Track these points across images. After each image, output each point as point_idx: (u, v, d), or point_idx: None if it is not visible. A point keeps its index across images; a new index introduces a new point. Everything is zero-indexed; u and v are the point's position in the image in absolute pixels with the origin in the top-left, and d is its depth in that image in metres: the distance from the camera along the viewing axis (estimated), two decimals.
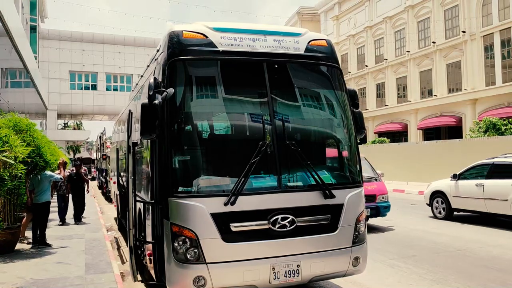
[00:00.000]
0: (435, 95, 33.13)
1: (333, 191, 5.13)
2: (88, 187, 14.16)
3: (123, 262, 8.55)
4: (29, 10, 36.18)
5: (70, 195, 13.27)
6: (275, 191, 4.94)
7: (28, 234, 10.12)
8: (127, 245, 7.68)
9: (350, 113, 5.68)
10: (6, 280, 6.74)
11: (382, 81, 39.60)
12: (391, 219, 12.64)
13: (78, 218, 13.04)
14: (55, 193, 13.23)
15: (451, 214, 12.73)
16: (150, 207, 5.36)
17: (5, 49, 18.87)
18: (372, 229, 11.15)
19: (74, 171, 13.45)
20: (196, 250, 4.64)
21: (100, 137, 28.79)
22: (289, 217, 4.89)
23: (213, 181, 4.99)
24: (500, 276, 7.02)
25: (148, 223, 5.58)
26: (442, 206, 12.94)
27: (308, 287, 6.36)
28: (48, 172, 10.07)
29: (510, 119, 24.41)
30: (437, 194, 13.18)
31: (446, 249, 8.98)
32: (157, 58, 5.65)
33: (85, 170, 22.37)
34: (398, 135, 37.80)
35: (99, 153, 29.30)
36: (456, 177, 12.52)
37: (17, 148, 7.78)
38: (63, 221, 12.77)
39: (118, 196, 12.07)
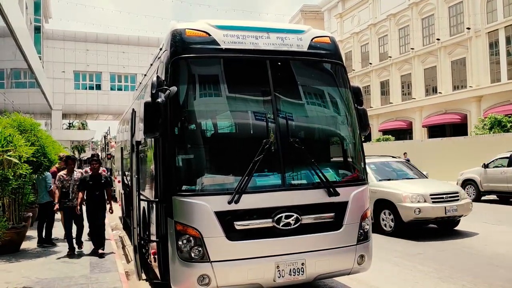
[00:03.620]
0: (439, 93, 32.98)
1: (337, 189, 5.10)
2: (111, 205, 8.81)
3: (128, 261, 8.56)
4: (33, 10, 36.32)
5: (84, 209, 8.70)
6: (279, 189, 4.92)
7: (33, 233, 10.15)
8: (131, 244, 7.68)
9: (354, 110, 5.64)
10: (12, 280, 6.77)
11: (386, 78, 39.47)
12: None
13: (97, 245, 8.52)
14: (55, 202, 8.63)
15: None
16: (154, 205, 5.36)
17: (9, 49, 18.92)
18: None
19: (90, 173, 8.88)
20: (200, 249, 4.63)
21: (104, 136, 28.92)
22: (293, 215, 4.86)
23: (217, 179, 4.98)
24: (506, 274, 6.96)
25: (152, 221, 5.58)
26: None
27: (312, 285, 6.34)
28: (48, 174, 9.76)
29: None
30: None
31: (452, 246, 8.93)
32: (160, 57, 5.63)
33: (104, 171, 14.32)
34: (403, 133, 37.64)
35: (103, 153, 29.41)
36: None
37: (21, 148, 7.80)
38: (71, 249, 8.48)
39: (123, 195, 12.10)
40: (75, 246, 8.75)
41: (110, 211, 8.78)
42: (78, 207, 8.38)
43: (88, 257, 8.27)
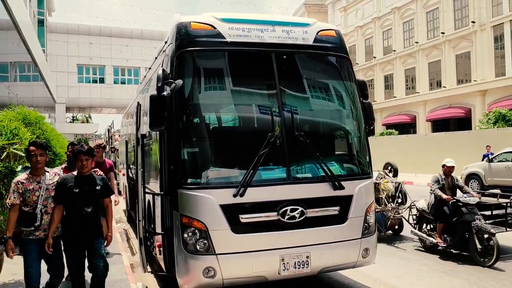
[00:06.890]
0: (444, 87, 32.82)
1: (342, 183, 5.10)
2: (111, 229, 4.98)
3: (132, 254, 8.60)
4: (36, 3, 36.24)
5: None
6: (284, 182, 4.93)
7: None
8: (136, 237, 7.72)
9: (359, 104, 5.64)
10: (18, 271, 6.79)
11: (390, 72, 39.31)
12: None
13: None
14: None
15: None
16: (160, 198, 5.37)
17: (13, 42, 18.93)
18: None
19: (76, 172, 4.79)
20: (205, 241, 4.65)
21: (108, 130, 28.94)
22: (298, 209, 4.87)
23: (222, 172, 4.99)
24: (511, 268, 6.97)
25: (158, 214, 5.60)
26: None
27: (317, 278, 6.36)
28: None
29: None
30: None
31: None
32: (165, 50, 5.63)
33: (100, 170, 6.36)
34: (407, 127, 37.54)
35: (107, 146, 29.50)
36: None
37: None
38: None
39: (127, 188, 12.14)
40: None
41: (107, 242, 4.93)
42: (50, 240, 4.65)
43: None
